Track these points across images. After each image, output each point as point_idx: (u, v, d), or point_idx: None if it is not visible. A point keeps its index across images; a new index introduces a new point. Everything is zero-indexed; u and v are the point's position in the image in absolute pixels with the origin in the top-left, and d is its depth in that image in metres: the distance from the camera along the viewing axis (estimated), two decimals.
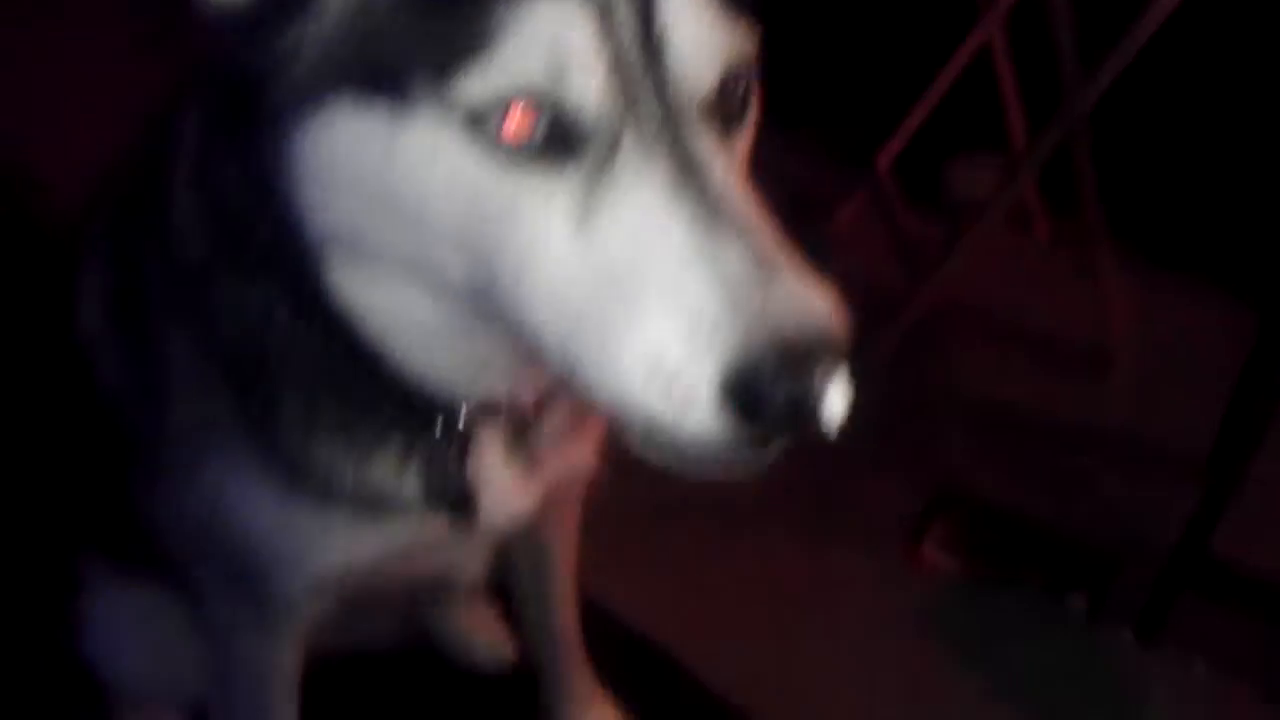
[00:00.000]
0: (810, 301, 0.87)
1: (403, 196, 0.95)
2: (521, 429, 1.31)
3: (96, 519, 1.64)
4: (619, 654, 2.10)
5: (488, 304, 0.99)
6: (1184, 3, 2.63)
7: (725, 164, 0.93)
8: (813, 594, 2.40)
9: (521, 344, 1.00)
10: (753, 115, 1.04)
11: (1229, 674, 2.37)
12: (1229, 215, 3.36)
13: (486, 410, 1.23)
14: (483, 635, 2.16)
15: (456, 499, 1.26)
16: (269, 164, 1.02)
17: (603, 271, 0.90)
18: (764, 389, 0.84)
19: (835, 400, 0.87)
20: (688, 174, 0.90)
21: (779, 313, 0.85)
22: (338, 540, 1.30)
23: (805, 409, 0.85)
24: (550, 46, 0.89)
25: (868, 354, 3.02)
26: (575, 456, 1.43)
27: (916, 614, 2.44)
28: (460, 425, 1.22)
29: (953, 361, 3.18)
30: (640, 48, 0.91)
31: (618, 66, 0.91)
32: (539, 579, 1.84)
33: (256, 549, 1.31)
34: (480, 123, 0.91)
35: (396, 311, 1.09)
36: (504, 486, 1.32)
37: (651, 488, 2.34)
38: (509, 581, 1.87)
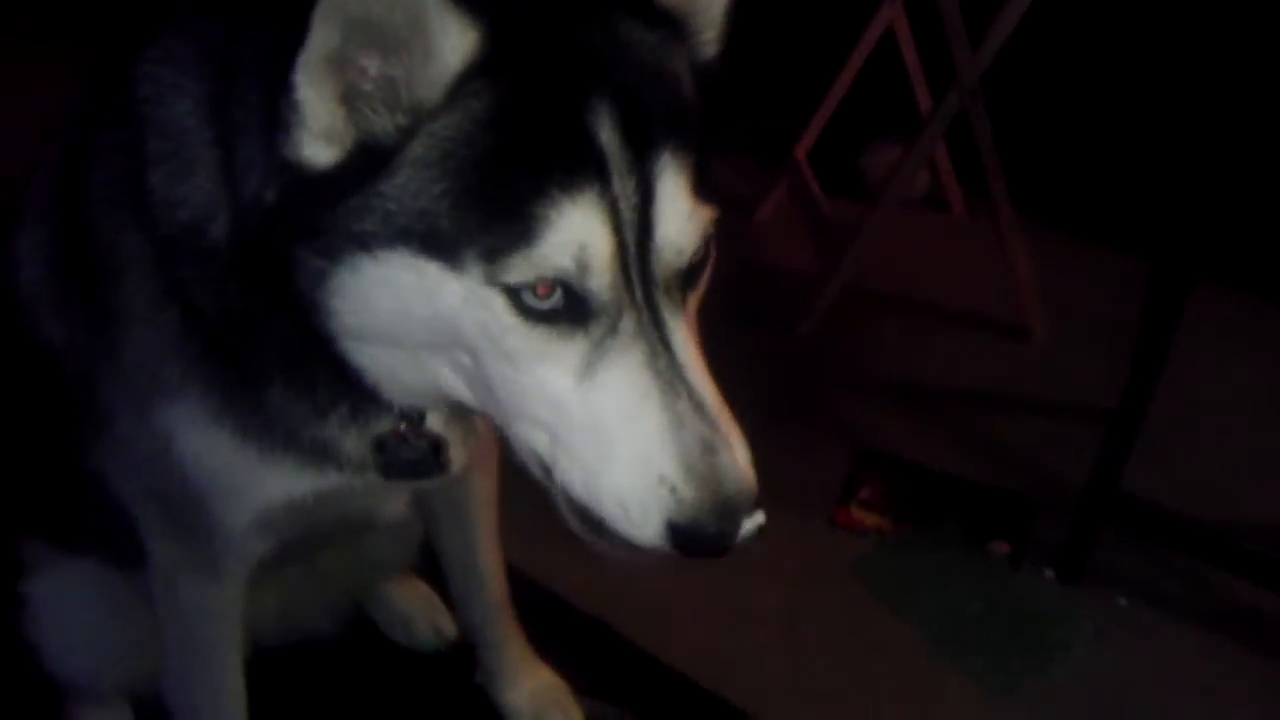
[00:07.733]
0: (741, 468, 1.13)
1: (434, 323, 1.16)
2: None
3: (36, 499, 1.70)
4: (550, 622, 2.18)
5: (475, 387, 1.21)
6: None
7: (686, 330, 1.17)
8: (744, 556, 2.46)
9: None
10: (711, 258, 1.24)
11: (1149, 605, 2.48)
12: (1114, 176, 3.49)
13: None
14: (422, 615, 2.23)
15: (422, 461, 1.42)
16: (308, 279, 1.18)
17: (594, 417, 1.14)
18: (700, 534, 1.12)
19: (749, 534, 1.14)
20: (662, 351, 1.14)
21: (719, 479, 1.12)
22: (283, 481, 1.43)
23: (727, 544, 1.13)
24: (579, 252, 1.11)
25: (793, 332, 3.14)
26: None
27: (846, 569, 2.53)
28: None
29: (876, 336, 3.29)
30: (637, 248, 1.14)
31: (623, 267, 1.14)
32: (466, 544, 1.92)
33: (205, 486, 1.42)
34: (517, 293, 1.12)
35: (388, 360, 1.25)
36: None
37: None
38: (439, 550, 1.95)
